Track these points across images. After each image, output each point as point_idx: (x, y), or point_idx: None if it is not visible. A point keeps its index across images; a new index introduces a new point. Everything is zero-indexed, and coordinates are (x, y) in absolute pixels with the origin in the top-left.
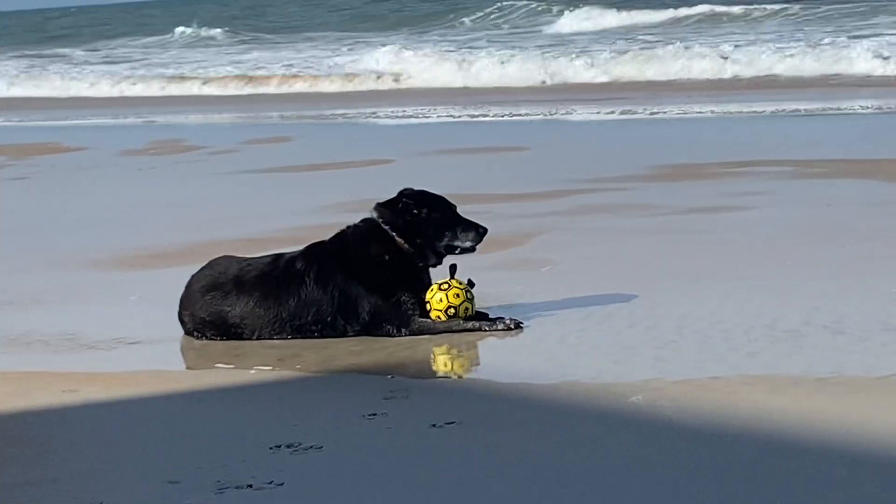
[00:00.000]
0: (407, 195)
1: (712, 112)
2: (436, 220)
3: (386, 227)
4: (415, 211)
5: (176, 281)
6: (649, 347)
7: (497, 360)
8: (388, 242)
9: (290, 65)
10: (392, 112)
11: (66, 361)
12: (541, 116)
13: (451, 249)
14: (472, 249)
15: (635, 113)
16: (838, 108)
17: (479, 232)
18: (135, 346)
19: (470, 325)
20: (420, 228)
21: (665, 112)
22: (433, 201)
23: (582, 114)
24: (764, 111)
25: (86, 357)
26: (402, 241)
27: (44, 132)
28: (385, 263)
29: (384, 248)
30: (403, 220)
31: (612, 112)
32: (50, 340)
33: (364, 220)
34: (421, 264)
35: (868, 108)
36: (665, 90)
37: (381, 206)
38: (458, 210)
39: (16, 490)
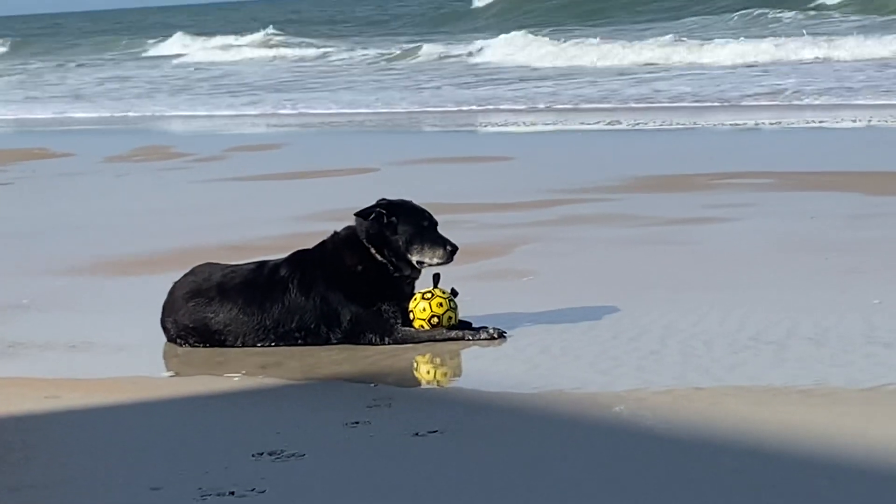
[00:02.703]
0: (381, 205)
1: (695, 124)
2: (405, 233)
3: (362, 237)
4: (385, 221)
5: (159, 288)
6: (632, 358)
7: (480, 369)
8: (361, 252)
9: None
10: None
11: (47, 367)
12: (525, 127)
13: (420, 264)
14: (444, 264)
15: (619, 123)
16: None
17: (447, 250)
18: (117, 353)
19: (453, 334)
20: (389, 240)
21: (647, 124)
22: (405, 213)
23: (567, 124)
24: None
25: (68, 363)
26: (376, 252)
27: (33, 137)
28: (358, 273)
29: (358, 257)
30: (373, 230)
31: (598, 122)
32: (31, 346)
33: (346, 228)
34: (397, 275)
35: None
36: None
37: (357, 215)
38: (440, 223)
39: None
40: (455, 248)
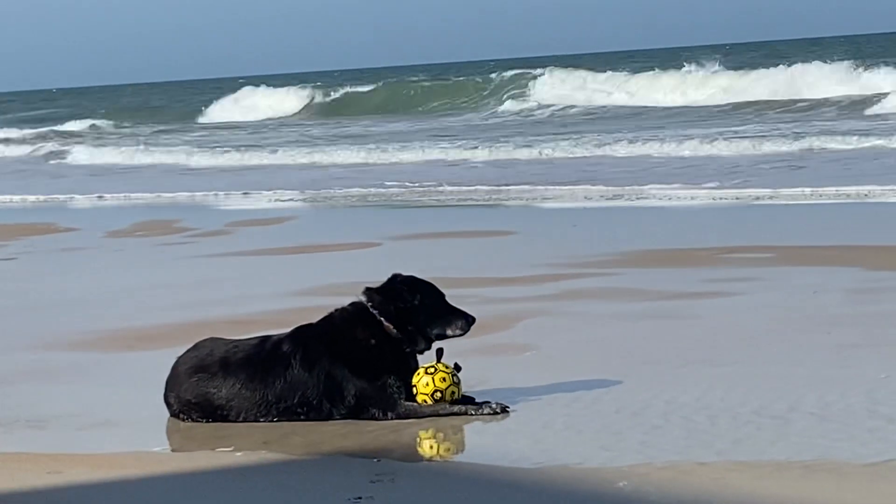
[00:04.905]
0: (400, 281)
1: (692, 198)
2: (426, 308)
3: (374, 312)
4: (407, 297)
5: (162, 362)
6: (635, 432)
7: (483, 444)
8: (374, 327)
9: None
10: None
11: (50, 443)
12: (526, 201)
13: (440, 336)
14: (462, 335)
15: (621, 197)
16: None
17: (468, 321)
18: (120, 428)
19: (456, 408)
20: (411, 315)
21: (650, 198)
22: (424, 289)
23: (568, 199)
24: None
25: (71, 438)
26: (391, 326)
27: (40, 213)
28: (371, 347)
29: (370, 332)
30: (395, 306)
31: (602, 197)
32: (34, 421)
33: (352, 304)
34: (408, 349)
35: None
36: None
37: (371, 291)
38: (447, 296)
39: None
40: (473, 320)
